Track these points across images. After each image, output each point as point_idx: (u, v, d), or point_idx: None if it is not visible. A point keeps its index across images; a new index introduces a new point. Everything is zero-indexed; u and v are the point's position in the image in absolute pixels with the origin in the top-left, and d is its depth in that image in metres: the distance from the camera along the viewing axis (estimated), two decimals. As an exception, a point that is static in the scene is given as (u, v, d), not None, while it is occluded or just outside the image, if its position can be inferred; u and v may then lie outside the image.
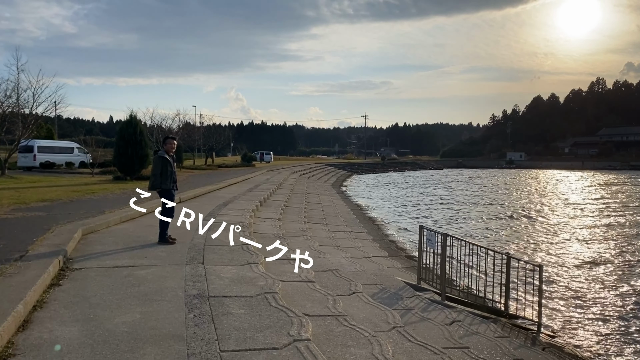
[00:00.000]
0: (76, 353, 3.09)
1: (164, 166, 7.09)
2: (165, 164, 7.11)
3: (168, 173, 7.13)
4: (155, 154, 7.33)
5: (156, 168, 7.09)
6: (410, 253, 13.51)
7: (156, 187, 7.16)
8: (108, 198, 13.10)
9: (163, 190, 7.19)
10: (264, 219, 11.68)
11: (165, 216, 7.14)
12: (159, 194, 7.31)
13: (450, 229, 17.65)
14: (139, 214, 9.86)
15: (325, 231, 12.87)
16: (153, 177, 7.14)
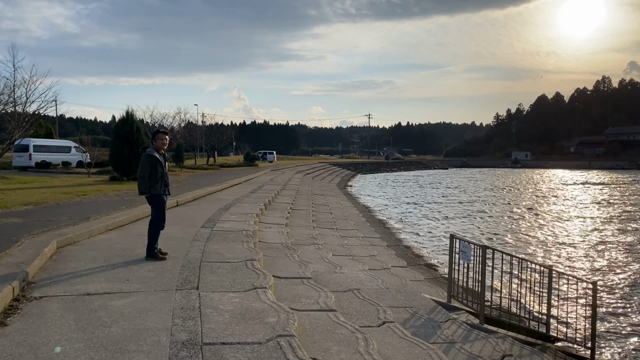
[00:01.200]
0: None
1: (153, 167, 5.95)
2: (155, 164, 5.96)
3: (159, 175, 6.00)
4: (144, 151, 6.10)
5: (144, 169, 5.93)
6: (429, 261, 12.39)
7: (144, 191, 6.03)
8: (99, 201, 11.98)
9: (152, 196, 6.09)
10: (269, 225, 10.54)
11: (154, 227, 6.01)
12: (147, 200, 6.17)
13: (468, 232, 16.51)
14: (129, 220, 8.73)
15: (336, 237, 11.72)
16: (141, 180, 5.97)
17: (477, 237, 15.98)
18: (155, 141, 6.14)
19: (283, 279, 5.77)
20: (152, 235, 6.00)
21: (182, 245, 6.75)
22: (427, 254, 13.47)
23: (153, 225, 5.99)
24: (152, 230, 5.99)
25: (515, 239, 16.10)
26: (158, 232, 6.03)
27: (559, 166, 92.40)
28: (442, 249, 14.14)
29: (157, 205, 6.11)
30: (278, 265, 6.57)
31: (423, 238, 16.21)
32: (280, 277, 5.79)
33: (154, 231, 5.99)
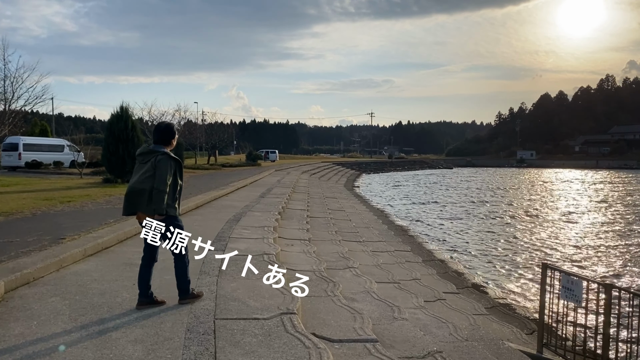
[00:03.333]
0: None
1: (173, 176, 4.08)
2: (176, 172, 4.12)
3: (178, 188, 4.18)
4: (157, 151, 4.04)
5: (166, 178, 3.96)
6: (473, 279, 10.53)
7: (160, 211, 4.01)
8: (84, 210, 10.07)
9: (169, 219, 4.14)
10: (291, 241, 8.64)
11: (149, 261, 4.17)
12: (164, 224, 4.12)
13: (505, 241, 14.63)
14: (116, 239, 6.83)
15: (367, 254, 9.84)
16: (160, 194, 3.93)
17: (526, 248, 14.10)
18: (174, 138, 4.24)
19: (337, 343, 3.86)
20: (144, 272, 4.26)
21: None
22: (466, 270, 11.61)
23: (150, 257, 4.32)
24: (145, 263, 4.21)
25: (575, 251, 14.17)
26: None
27: (565, 166, 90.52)
28: (479, 261, 12.33)
29: (174, 226, 4.24)
30: (321, 313, 4.67)
31: (452, 246, 14.38)
32: (333, 341, 3.89)
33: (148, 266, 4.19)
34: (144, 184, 3.92)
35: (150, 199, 3.90)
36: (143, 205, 3.95)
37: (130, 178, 4.13)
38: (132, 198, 4.00)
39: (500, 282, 10.64)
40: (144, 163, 3.98)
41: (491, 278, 10.90)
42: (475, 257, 13.03)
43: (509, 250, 13.93)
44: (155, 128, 4.25)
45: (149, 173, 3.91)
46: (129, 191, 4.03)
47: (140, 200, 3.95)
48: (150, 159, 3.96)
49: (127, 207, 4.06)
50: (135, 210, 4.03)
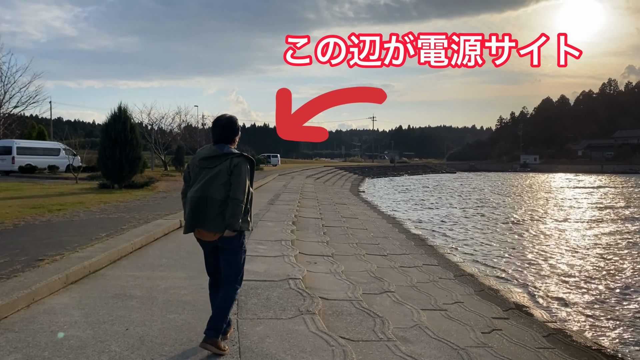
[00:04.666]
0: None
1: (250, 183, 3.43)
2: (251, 178, 3.47)
3: (250, 197, 3.47)
4: (231, 155, 3.34)
5: (246, 185, 3.32)
6: (510, 297, 9.33)
7: (234, 226, 3.28)
8: (74, 221, 8.85)
9: (240, 235, 3.41)
10: (312, 257, 7.45)
11: (232, 290, 3.44)
12: (225, 244, 3.36)
13: (534, 250, 13.40)
14: (108, 259, 5.62)
15: (397, 272, 8.64)
16: (239, 206, 3.27)
17: (550, 256, 12.88)
18: (238, 135, 3.54)
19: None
20: (225, 307, 3.36)
21: (198, 324, 3.65)
22: (500, 285, 10.41)
23: (228, 289, 3.40)
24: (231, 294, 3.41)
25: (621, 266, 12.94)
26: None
27: (570, 170, 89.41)
28: (507, 273, 11.12)
29: (242, 248, 3.47)
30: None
31: (475, 256, 13.19)
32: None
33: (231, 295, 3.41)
34: (215, 193, 3.25)
35: (221, 211, 3.24)
36: (212, 219, 3.26)
37: (191, 185, 3.38)
38: (200, 210, 3.28)
39: (541, 299, 9.47)
40: (211, 168, 3.30)
41: (530, 295, 9.69)
42: (501, 268, 11.81)
43: (536, 259, 12.72)
44: (214, 124, 3.47)
45: (221, 180, 3.26)
46: (195, 202, 3.28)
47: (208, 213, 3.26)
48: (221, 162, 3.29)
49: (193, 221, 3.31)
50: (200, 225, 3.30)
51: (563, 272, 11.69)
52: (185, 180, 3.49)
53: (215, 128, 3.45)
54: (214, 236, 3.28)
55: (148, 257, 6.06)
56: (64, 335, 2.76)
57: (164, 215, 9.50)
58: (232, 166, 3.27)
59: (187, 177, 3.48)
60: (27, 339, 3.31)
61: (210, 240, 3.32)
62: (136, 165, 17.35)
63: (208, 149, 3.39)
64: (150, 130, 34.09)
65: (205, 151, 3.39)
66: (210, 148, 3.39)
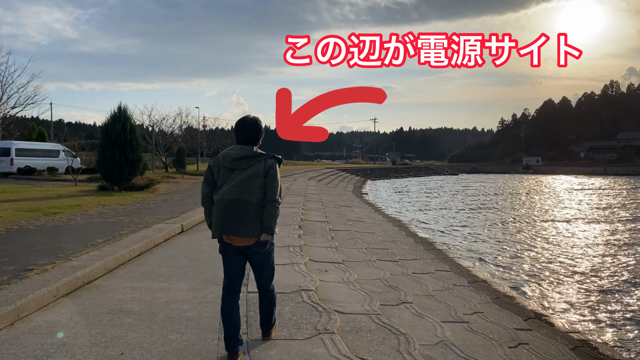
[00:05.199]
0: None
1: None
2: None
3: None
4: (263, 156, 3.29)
5: (279, 187, 3.31)
6: (526, 305, 8.86)
7: (271, 230, 3.27)
8: (70, 225, 8.41)
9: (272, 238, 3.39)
10: (322, 264, 7.01)
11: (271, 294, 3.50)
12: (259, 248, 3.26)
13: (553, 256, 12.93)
14: (103, 269, 5.18)
15: (410, 279, 8.19)
16: (276, 208, 3.25)
17: (556, 256, 12.41)
18: (262, 136, 3.48)
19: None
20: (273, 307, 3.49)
21: (202, 347, 3.21)
22: (514, 292, 9.96)
23: (268, 293, 3.44)
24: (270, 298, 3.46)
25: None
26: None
27: (572, 172, 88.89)
28: (518, 277, 10.66)
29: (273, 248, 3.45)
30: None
31: (484, 259, 12.73)
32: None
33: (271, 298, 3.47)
34: (251, 196, 3.14)
35: (256, 214, 3.15)
36: (247, 223, 3.13)
37: (219, 187, 3.23)
38: (233, 214, 3.13)
39: (558, 306, 9.04)
40: (243, 169, 3.19)
41: (547, 302, 9.25)
42: (513, 272, 11.35)
43: (548, 263, 12.27)
44: (240, 125, 3.39)
45: (257, 181, 3.17)
46: (228, 205, 3.13)
47: (243, 217, 3.13)
48: (254, 164, 3.19)
49: (225, 226, 3.14)
50: (233, 230, 3.15)
51: (576, 275, 11.24)
52: (208, 183, 3.29)
53: (241, 129, 3.33)
54: (249, 241, 3.14)
55: (147, 266, 5.62)
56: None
57: (164, 219, 9.06)
58: (267, 167, 3.19)
59: (210, 179, 3.29)
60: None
61: (242, 246, 3.17)
62: (136, 167, 16.91)
63: (239, 149, 3.23)
64: (151, 131, 33.68)
65: (237, 151, 3.22)
66: (242, 148, 3.23)
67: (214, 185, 3.25)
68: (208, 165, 3.41)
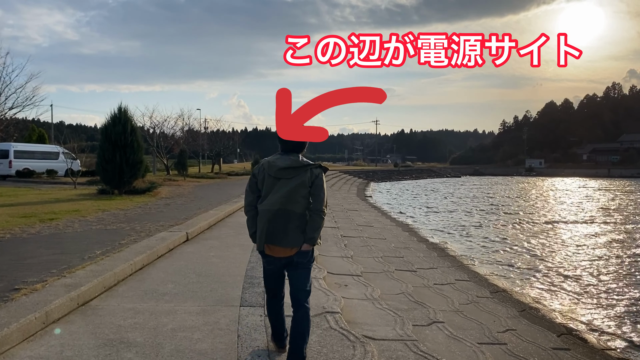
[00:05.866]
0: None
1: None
2: None
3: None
4: (310, 166, 3.19)
5: (326, 197, 3.24)
6: (555, 318, 8.28)
7: (315, 241, 3.20)
8: (66, 233, 7.82)
9: (312, 250, 3.28)
10: (341, 277, 6.43)
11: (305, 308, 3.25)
12: (302, 258, 3.18)
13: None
14: (102, 286, 4.59)
15: (433, 292, 7.63)
16: (322, 219, 3.19)
17: (575, 261, 11.81)
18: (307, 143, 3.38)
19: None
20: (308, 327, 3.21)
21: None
22: (542, 305, 9.37)
23: (303, 309, 3.20)
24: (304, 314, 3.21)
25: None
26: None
27: (576, 174, 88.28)
28: (538, 284, 10.07)
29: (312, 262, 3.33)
30: None
31: (500, 265, 12.11)
32: None
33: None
34: (296, 206, 3.09)
35: (299, 225, 3.09)
36: (289, 233, 3.08)
37: (264, 197, 3.16)
38: (278, 224, 3.07)
39: (588, 316, 8.44)
40: (289, 179, 3.12)
41: (577, 314, 8.64)
42: (531, 279, 10.75)
43: (567, 269, 11.67)
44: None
45: (303, 192, 3.11)
46: (273, 215, 3.07)
47: (286, 227, 3.08)
48: (300, 173, 3.12)
49: (270, 236, 3.09)
50: (276, 241, 3.09)
51: (598, 283, 10.64)
52: (252, 191, 3.22)
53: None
54: (290, 251, 3.08)
55: (151, 282, 5.04)
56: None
57: (168, 227, 8.48)
58: (313, 177, 3.12)
59: (254, 187, 3.21)
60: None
61: (283, 257, 3.10)
62: (137, 170, 16.34)
63: (286, 159, 3.15)
64: (152, 133, 33.11)
65: (284, 161, 3.13)
66: (289, 158, 3.15)
67: (258, 194, 3.18)
68: (252, 172, 3.27)
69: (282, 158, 3.17)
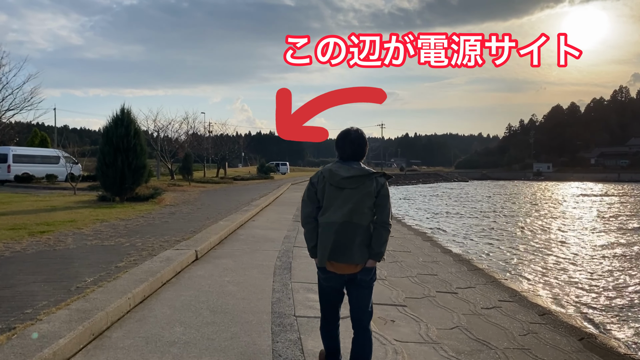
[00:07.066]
0: None
1: None
2: None
3: None
4: (375, 174, 2.94)
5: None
6: (616, 346, 7.13)
7: (381, 257, 2.97)
8: (55, 252, 6.73)
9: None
10: (384, 308, 5.33)
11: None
12: (365, 276, 2.96)
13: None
14: (90, 335, 3.49)
15: (485, 321, 6.56)
16: (388, 232, 2.95)
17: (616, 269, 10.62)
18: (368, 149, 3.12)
19: None
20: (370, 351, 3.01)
21: None
22: (596, 331, 8.22)
23: (365, 333, 3.01)
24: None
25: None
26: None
27: (585, 179, 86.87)
28: (594, 307, 8.91)
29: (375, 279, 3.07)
30: None
31: (538, 282, 10.93)
32: None
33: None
34: (361, 219, 2.85)
35: (364, 239, 2.86)
36: (355, 249, 2.83)
37: (326, 208, 2.90)
38: (343, 238, 2.82)
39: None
40: (353, 189, 2.87)
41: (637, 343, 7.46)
42: (576, 300, 9.55)
43: (606, 282, 10.48)
44: (343, 139, 3.00)
45: (368, 203, 2.87)
46: (338, 229, 2.82)
47: (351, 242, 2.83)
48: (364, 183, 2.87)
49: (334, 252, 2.84)
50: (340, 257, 2.84)
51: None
52: (311, 201, 3.00)
53: (345, 144, 3.02)
54: (354, 268, 2.90)
55: (153, 323, 3.94)
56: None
57: (173, 242, 7.39)
58: (378, 187, 2.95)
59: (313, 197, 3.00)
60: None
61: (347, 274, 2.91)
62: (140, 175, 15.27)
63: (349, 167, 2.94)
64: (156, 137, 32.11)
65: (347, 169, 2.92)
66: (352, 166, 2.95)
67: (318, 205, 2.97)
68: (310, 180, 3.05)
69: (344, 166, 2.91)
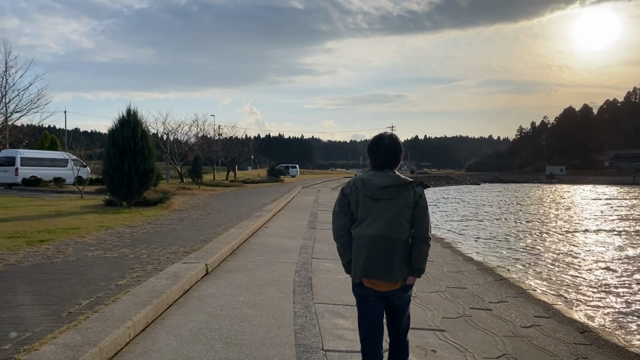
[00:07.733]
0: None
1: None
2: None
3: None
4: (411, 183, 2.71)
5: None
6: None
7: (422, 272, 2.78)
8: (52, 266, 6.14)
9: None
10: (421, 334, 4.66)
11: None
12: (405, 293, 2.82)
13: None
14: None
15: (527, 345, 5.86)
16: (428, 246, 2.78)
17: None
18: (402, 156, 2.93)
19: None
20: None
21: None
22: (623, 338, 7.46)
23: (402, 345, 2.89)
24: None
25: None
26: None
27: (599, 182, 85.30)
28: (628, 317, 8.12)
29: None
30: None
31: (568, 293, 10.15)
32: None
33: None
34: (400, 232, 2.66)
35: (403, 255, 2.66)
36: (394, 264, 2.65)
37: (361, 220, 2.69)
38: (380, 253, 2.64)
39: None
40: (389, 199, 2.67)
41: None
42: (611, 312, 8.76)
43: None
44: (376, 145, 2.82)
45: (406, 215, 2.67)
46: (375, 243, 2.64)
47: (390, 258, 2.64)
48: (401, 193, 2.67)
49: (372, 268, 2.66)
50: (378, 274, 2.65)
51: None
52: (344, 213, 2.76)
53: (378, 150, 2.80)
54: (394, 285, 2.67)
55: (156, 359, 3.30)
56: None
57: (182, 254, 6.77)
58: (416, 197, 2.69)
59: (345, 209, 2.76)
60: None
61: (386, 291, 2.68)
62: (148, 179, 14.71)
63: (384, 176, 2.70)
64: (166, 140, 31.67)
65: (382, 179, 2.68)
66: (387, 175, 2.71)
67: (351, 216, 2.74)
68: (341, 191, 2.84)
69: (379, 175, 2.74)
